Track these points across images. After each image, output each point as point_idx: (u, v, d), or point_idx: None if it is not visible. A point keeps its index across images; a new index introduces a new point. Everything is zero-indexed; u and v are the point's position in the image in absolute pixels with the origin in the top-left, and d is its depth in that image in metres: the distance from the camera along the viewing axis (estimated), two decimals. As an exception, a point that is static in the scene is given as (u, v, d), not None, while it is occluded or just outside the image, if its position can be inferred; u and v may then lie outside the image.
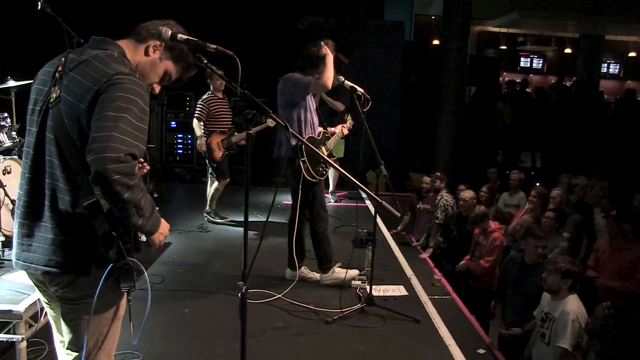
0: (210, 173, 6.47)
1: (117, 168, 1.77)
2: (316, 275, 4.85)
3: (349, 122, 4.97)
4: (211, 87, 6.29)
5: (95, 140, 1.78)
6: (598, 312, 3.51)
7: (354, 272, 4.68)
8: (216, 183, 6.44)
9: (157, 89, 2.22)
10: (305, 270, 4.85)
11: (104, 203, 1.91)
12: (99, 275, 1.92)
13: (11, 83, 4.72)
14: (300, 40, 9.97)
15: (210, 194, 6.51)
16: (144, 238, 2.07)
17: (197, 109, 6.26)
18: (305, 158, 4.39)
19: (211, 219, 6.51)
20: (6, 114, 4.67)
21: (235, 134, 6.26)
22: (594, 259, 5.10)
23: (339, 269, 4.72)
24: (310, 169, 4.39)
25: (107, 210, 1.91)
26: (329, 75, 4.36)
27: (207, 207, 6.56)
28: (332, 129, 5.07)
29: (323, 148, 4.65)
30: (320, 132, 4.71)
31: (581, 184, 6.84)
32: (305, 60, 4.42)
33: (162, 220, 2.06)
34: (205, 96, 6.28)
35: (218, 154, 6.20)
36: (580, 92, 12.40)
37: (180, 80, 2.25)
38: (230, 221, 6.50)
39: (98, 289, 1.92)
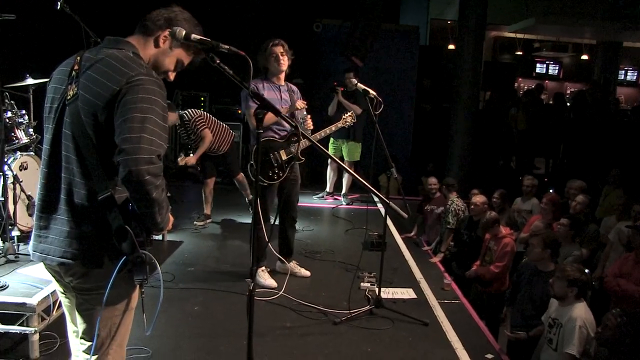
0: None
1: (149, 169, 1.84)
2: (302, 271, 4.97)
3: (347, 117, 4.90)
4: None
5: (126, 141, 1.84)
6: (609, 320, 3.46)
7: (271, 283, 4.65)
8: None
9: (172, 76, 2.27)
10: (292, 265, 4.96)
11: (118, 197, 1.96)
12: (112, 267, 1.97)
13: (29, 81, 4.79)
14: (315, 44, 10.05)
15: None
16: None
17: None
18: (252, 162, 4.39)
19: (196, 221, 6.51)
20: (24, 111, 4.75)
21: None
22: (618, 266, 4.86)
23: (262, 272, 4.70)
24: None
25: (120, 204, 1.96)
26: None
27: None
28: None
29: (283, 152, 4.52)
30: (286, 135, 4.56)
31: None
32: None
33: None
34: None
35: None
36: (596, 99, 12.28)
37: (192, 64, 2.29)
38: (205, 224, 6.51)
39: (111, 280, 1.97)
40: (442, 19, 14.38)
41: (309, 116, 4.56)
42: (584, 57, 15.17)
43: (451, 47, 13.30)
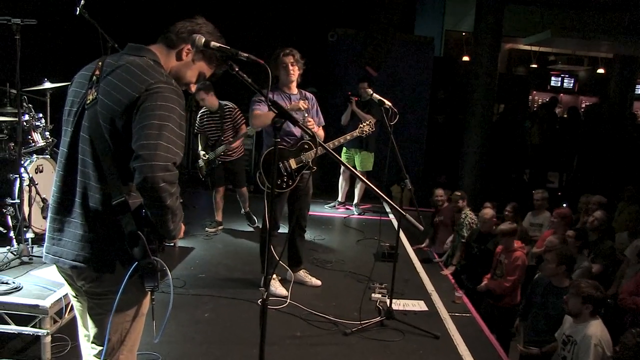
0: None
1: (164, 176, 1.85)
2: (313, 280, 4.94)
3: (364, 127, 4.81)
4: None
5: (143, 148, 1.85)
6: (628, 339, 3.40)
7: (282, 292, 4.59)
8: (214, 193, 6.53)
9: (194, 88, 2.30)
10: (302, 274, 4.94)
11: (132, 203, 1.97)
12: (123, 272, 1.98)
13: (47, 85, 4.85)
14: (330, 53, 10.07)
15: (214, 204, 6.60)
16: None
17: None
18: (261, 170, 4.38)
19: (208, 228, 6.51)
20: (41, 115, 4.80)
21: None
22: (634, 284, 4.81)
23: (274, 281, 4.63)
24: (266, 181, 4.32)
25: (134, 210, 1.97)
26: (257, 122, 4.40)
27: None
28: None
29: (292, 160, 4.47)
30: (298, 143, 4.52)
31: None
32: None
33: None
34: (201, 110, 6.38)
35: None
36: (612, 113, 12.19)
37: (214, 76, 2.31)
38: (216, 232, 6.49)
39: (122, 286, 1.97)
40: (457, 31, 14.34)
41: (308, 116, 4.53)
42: (600, 70, 15.04)
43: (466, 58, 13.27)
